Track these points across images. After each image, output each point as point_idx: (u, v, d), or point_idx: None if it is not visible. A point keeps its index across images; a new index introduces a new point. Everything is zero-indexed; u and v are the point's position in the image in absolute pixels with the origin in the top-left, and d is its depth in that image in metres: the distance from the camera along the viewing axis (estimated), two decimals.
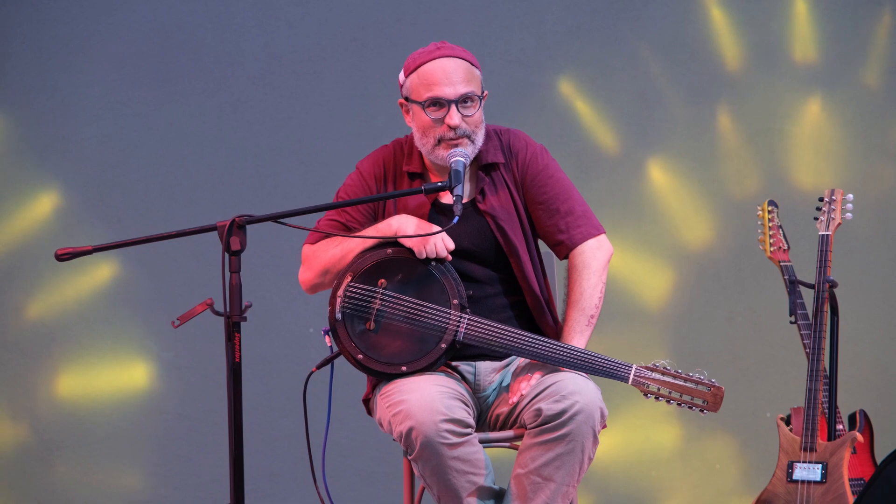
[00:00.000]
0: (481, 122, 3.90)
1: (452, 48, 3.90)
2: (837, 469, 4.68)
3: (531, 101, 6.00)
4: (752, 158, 5.97)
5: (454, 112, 3.85)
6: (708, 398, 3.77)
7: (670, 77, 5.99)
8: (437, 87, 3.84)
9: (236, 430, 3.50)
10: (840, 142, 5.99)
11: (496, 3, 6.03)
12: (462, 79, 3.85)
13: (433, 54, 3.88)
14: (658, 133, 6.00)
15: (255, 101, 6.04)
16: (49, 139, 6.01)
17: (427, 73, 3.86)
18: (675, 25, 6.00)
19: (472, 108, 3.87)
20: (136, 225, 5.95)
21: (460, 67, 3.87)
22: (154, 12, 6.01)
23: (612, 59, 6.00)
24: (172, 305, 5.81)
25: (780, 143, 5.98)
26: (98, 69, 5.99)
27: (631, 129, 6.00)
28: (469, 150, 3.87)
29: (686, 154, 5.99)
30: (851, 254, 5.85)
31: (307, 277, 3.96)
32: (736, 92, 6.01)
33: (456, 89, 3.85)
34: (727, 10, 6.01)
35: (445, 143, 3.86)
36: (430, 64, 3.87)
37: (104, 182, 6.01)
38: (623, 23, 6.00)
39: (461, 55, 3.89)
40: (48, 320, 5.96)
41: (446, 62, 3.87)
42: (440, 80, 3.85)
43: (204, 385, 5.89)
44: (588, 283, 3.92)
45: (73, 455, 5.94)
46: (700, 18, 6.01)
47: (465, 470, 3.70)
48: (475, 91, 3.87)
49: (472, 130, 3.87)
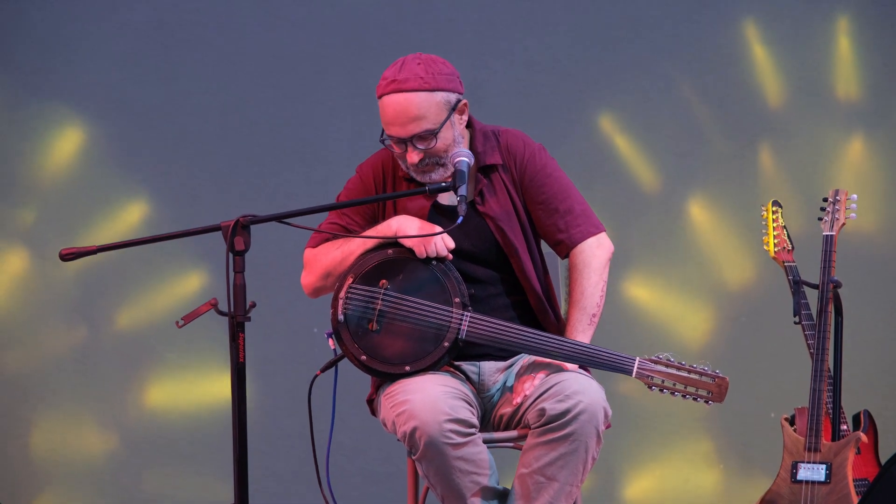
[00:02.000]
0: (450, 142, 3.83)
1: (405, 79, 3.79)
2: (841, 469, 4.68)
3: (532, 102, 6.00)
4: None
5: (411, 151, 3.81)
6: (713, 389, 3.76)
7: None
8: (391, 127, 3.80)
9: (240, 430, 3.50)
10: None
11: (498, 2, 6.02)
12: (412, 118, 3.78)
13: (385, 89, 3.80)
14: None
15: (257, 101, 6.03)
16: (51, 139, 6.01)
17: (382, 108, 3.81)
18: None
19: (428, 142, 3.80)
20: (139, 224, 5.95)
21: (411, 105, 3.77)
22: (156, 11, 6.00)
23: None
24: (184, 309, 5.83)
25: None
26: (100, 68, 5.99)
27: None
28: (438, 175, 3.84)
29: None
30: (856, 254, 5.84)
31: (309, 281, 3.96)
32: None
33: (406, 129, 3.79)
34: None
35: (416, 171, 3.85)
36: (383, 100, 3.81)
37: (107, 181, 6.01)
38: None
39: (413, 86, 3.79)
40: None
41: (396, 99, 3.78)
42: (391, 120, 3.79)
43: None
44: (589, 283, 3.92)
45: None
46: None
47: (468, 470, 3.70)
48: (430, 126, 3.79)
49: (437, 157, 3.83)
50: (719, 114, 5.98)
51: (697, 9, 5.99)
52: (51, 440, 5.96)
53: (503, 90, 5.97)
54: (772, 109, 5.98)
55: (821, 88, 5.96)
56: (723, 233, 5.97)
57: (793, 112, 5.97)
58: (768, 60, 5.97)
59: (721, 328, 5.99)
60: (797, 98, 5.97)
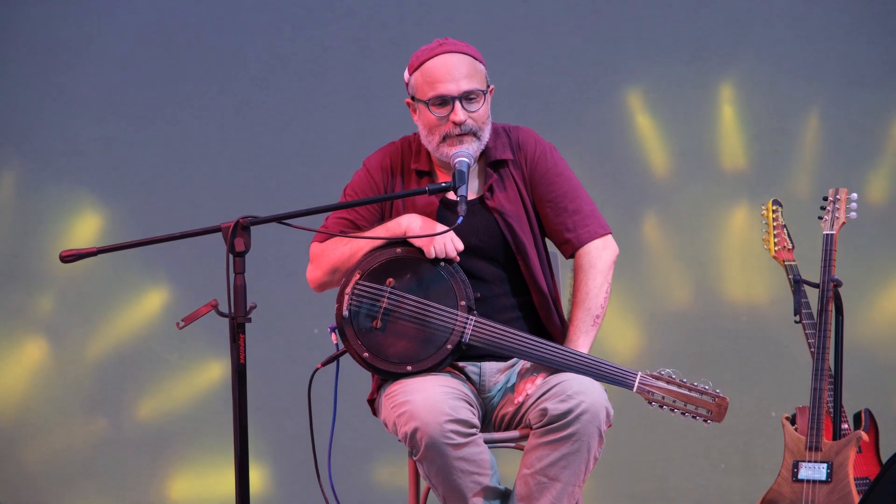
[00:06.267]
0: (487, 117, 3.89)
1: (455, 44, 3.89)
2: (843, 468, 4.68)
3: (534, 103, 6.00)
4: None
5: (458, 109, 3.83)
6: (712, 408, 3.77)
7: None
8: (440, 85, 3.83)
9: (241, 431, 3.50)
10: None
11: (499, 3, 6.02)
12: (465, 74, 3.84)
13: (435, 51, 3.87)
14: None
15: (258, 103, 6.04)
16: (52, 141, 6.01)
17: (430, 70, 3.85)
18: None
19: (477, 104, 3.86)
20: (139, 226, 5.96)
21: (463, 63, 3.86)
22: (157, 14, 6.01)
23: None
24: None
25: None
26: (101, 71, 6.00)
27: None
28: (474, 148, 3.86)
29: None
30: (856, 253, 5.84)
31: (315, 276, 3.95)
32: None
33: (459, 86, 3.83)
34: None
35: (451, 140, 3.85)
36: (432, 61, 3.86)
37: (107, 184, 6.01)
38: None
39: (464, 50, 3.88)
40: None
41: (449, 58, 3.86)
42: (443, 77, 3.83)
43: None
44: (594, 283, 3.92)
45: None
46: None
47: (470, 470, 3.70)
48: (479, 87, 3.86)
49: (477, 127, 3.86)
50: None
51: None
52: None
53: (503, 91, 5.97)
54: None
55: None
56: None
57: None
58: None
59: (722, 328, 5.99)
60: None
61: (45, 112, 6.02)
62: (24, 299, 5.99)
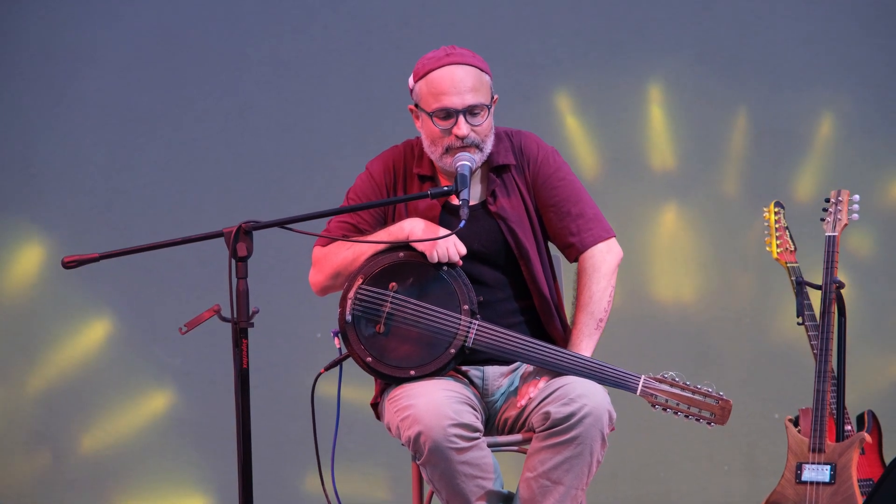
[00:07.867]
0: (490, 129, 3.88)
1: (462, 54, 3.86)
2: (846, 470, 4.68)
3: (534, 106, 6.00)
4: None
5: (462, 123, 3.82)
6: (716, 411, 3.77)
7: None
8: (444, 97, 3.82)
9: (244, 436, 3.50)
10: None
11: (501, 6, 6.02)
12: (470, 88, 3.82)
13: (442, 61, 3.85)
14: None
15: (260, 107, 6.04)
16: (54, 145, 6.02)
17: (435, 81, 3.83)
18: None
19: (481, 118, 3.84)
20: (142, 231, 5.96)
21: (469, 76, 3.83)
22: (160, 18, 6.01)
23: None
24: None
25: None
26: (104, 75, 6.00)
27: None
28: (476, 158, 3.86)
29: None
30: (858, 254, 5.84)
31: (318, 280, 3.95)
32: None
33: (464, 99, 3.82)
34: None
35: (453, 152, 3.85)
36: (438, 72, 3.84)
37: (110, 188, 6.01)
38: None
39: (470, 62, 3.86)
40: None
41: (455, 70, 3.83)
42: (448, 89, 3.82)
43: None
44: (598, 287, 3.91)
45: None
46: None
47: (473, 474, 3.70)
48: (483, 101, 3.84)
49: (480, 140, 3.85)
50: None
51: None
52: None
53: (503, 92, 5.96)
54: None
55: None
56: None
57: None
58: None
59: (724, 329, 5.98)
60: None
61: (48, 116, 6.02)
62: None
